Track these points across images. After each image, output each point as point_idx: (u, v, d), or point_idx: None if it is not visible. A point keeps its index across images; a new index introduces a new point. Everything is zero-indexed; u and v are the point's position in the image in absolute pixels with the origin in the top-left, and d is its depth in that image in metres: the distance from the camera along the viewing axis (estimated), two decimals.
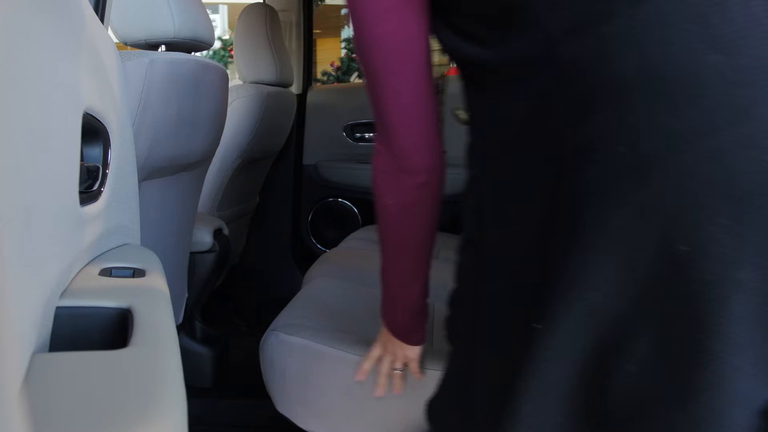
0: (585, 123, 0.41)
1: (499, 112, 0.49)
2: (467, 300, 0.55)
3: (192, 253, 1.23)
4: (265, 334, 0.90)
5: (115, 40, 0.86)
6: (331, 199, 1.82)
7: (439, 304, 0.77)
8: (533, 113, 0.45)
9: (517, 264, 0.47)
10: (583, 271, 0.41)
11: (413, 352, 0.71)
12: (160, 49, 0.94)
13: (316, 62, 2.49)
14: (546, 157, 0.44)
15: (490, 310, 0.50)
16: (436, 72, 0.56)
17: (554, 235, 0.43)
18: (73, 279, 0.39)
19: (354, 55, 5.30)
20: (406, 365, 0.73)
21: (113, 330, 0.37)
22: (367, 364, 0.75)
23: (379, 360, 0.75)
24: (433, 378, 0.65)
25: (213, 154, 1.17)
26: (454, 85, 0.62)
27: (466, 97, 0.55)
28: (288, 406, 0.86)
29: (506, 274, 0.48)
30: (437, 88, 0.56)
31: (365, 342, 0.81)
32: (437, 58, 0.57)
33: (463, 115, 0.57)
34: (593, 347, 0.42)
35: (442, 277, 0.68)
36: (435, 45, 0.55)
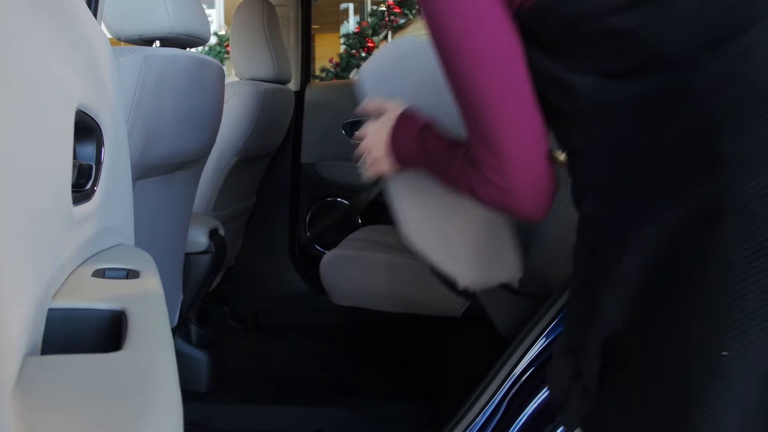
0: (739, 133, 0.41)
1: (617, 144, 0.47)
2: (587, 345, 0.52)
3: (187, 254, 1.22)
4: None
5: (109, 36, 0.85)
6: (329, 199, 1.81)
7: None
8: (663, 138, 0.44)
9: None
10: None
11: (386, 167, 0.71)
12: (154, 45, 0.94)
13: (314, 58, 2.47)
14: (686, 181, 0.43)
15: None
16: None
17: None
18: (65, 280, 0.39)
19: (353, 51, 5.29)
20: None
21: (106, 332, 0.36)
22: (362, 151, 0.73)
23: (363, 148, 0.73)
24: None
25: (209, 153, 1.16)
26: None
27: (565, 134, 0.53)
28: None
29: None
30: None
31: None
32: None
33: (561, 156, 0.55)
34: None
35: None
36: None
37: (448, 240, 0.81)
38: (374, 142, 0.71)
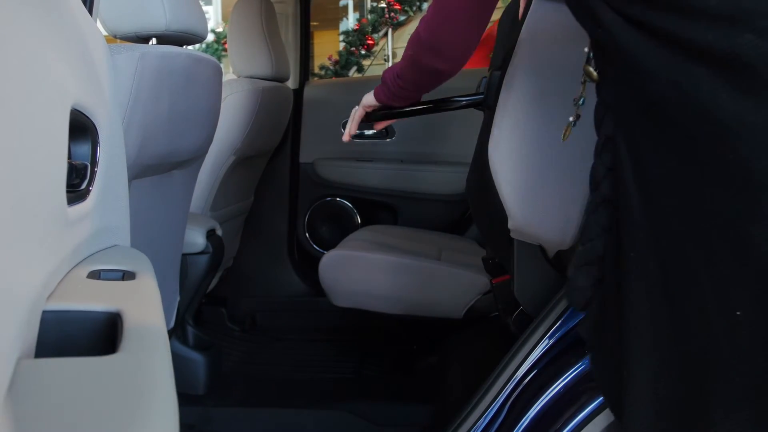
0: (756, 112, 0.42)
1: (639, 87, 0.49)
2: (607, 259, 0.57)
3: (184, 255, 1.22)
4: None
5: (104, 33, 0.85)
6: (329, 199, 1.80)
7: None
8: (679, 83, 0.46)
9: (673, 236, 0.49)
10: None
11: (368, 99, 0.96)
12: (150, 42, 0.93)
13: (313, 56, 2.47)
14: (695, 128, 0.45)
15: (645, 280, 0.51)
16: None
17: (722, 209, 0.45)
18: (60, 282, 0.39)
19: (353, 49, 5.28)
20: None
21: (102, 335, 0.36)
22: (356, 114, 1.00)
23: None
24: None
25: (206, 152, 1.15)
26: (460, 81, 0.62)
27: (598, 57, 0.56)
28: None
29: (660, 245, 0.49)
30: None
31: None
32: None
33: (594, 72, 0.59)
34: None
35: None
36: None
37: (525, 178, 0.82)
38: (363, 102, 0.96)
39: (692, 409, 0.49)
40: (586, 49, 0.59)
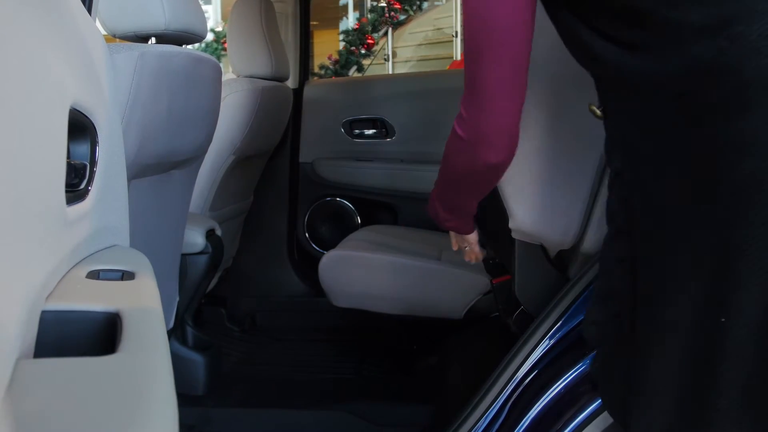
0: (741, 119, 0.44)
1: (640, 109, 0.51)
2: (622, 292, 0.58)
3: (183, 255, 1.21)
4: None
5: (103, 32, 0.84)
6: (328, 199, 1.80)
7: None
8: (680, 113, 0.48)
9: (680, 255, 0.50)
10: (759, 263, 0.45)
11: (471, 237, 0.90)
12: (150, 42, 0.93)
13: (313, 55, 2.47)
14: (697, 156, 0.47)
15: (657, 300, 0.53)
16: None
17: (720, 228, 0.47)
18: (59, 282, 0.39)
19: (353, 48, 5.27)
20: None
21: (101, 335, 0.36)
22: (454, 246, 0.95)
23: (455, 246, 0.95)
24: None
25: (205, 152, 1.15)
26: (460, 80, 0.62)
27: (601, 93, 0.57)
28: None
29: (670, 266, 0.51)
30: None
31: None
32: None
33: (597, 111, 0.60)
34: None
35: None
36: None
37: (526, 177, 0.81)
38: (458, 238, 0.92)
39: None
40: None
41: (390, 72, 5.68)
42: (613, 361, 0.61)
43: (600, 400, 0.69)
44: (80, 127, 0.44)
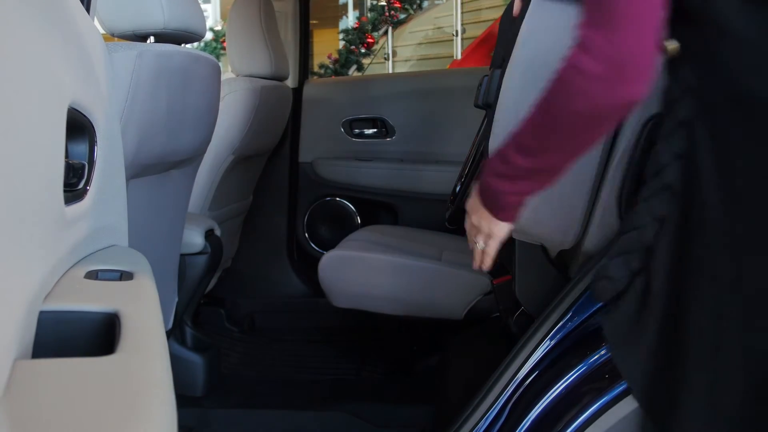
0: None
1: (724, 56, 0.46)
2: (653, 251, 0.53)
3: (182, 255, 1.21)
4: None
5: (102, 31, 0.84)
6: (328, 198, 1.80)
7: None
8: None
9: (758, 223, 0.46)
10: None
11: (500, 229, 0.66)
12: (148, 41, 0.93)
13: (312, 54, 2.47)
14: None
15: (722, 277, 0.48)
16: None
17: None
18: (57, 282, 0.38)
19: (353, 47, 5.25)
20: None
21: (99, 336, 0.36)
22: (470, 245, 0.71)
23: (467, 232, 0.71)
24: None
25: (204, 151, 1.15)
26: (461, 79, 0.61)
27: (682, 30, 0.50)
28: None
29: (744, 235, 0.47)
30: None
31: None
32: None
33: (672, 46, 0.51)
34: None
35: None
36: None
37: None
38: (476, 218, 0.68)
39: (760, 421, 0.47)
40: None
41: (390, 71, 5.68)
42: (633, 324, 0.56)
43: (600, 402, 0.68)
44: (79, 127, 0.44)
